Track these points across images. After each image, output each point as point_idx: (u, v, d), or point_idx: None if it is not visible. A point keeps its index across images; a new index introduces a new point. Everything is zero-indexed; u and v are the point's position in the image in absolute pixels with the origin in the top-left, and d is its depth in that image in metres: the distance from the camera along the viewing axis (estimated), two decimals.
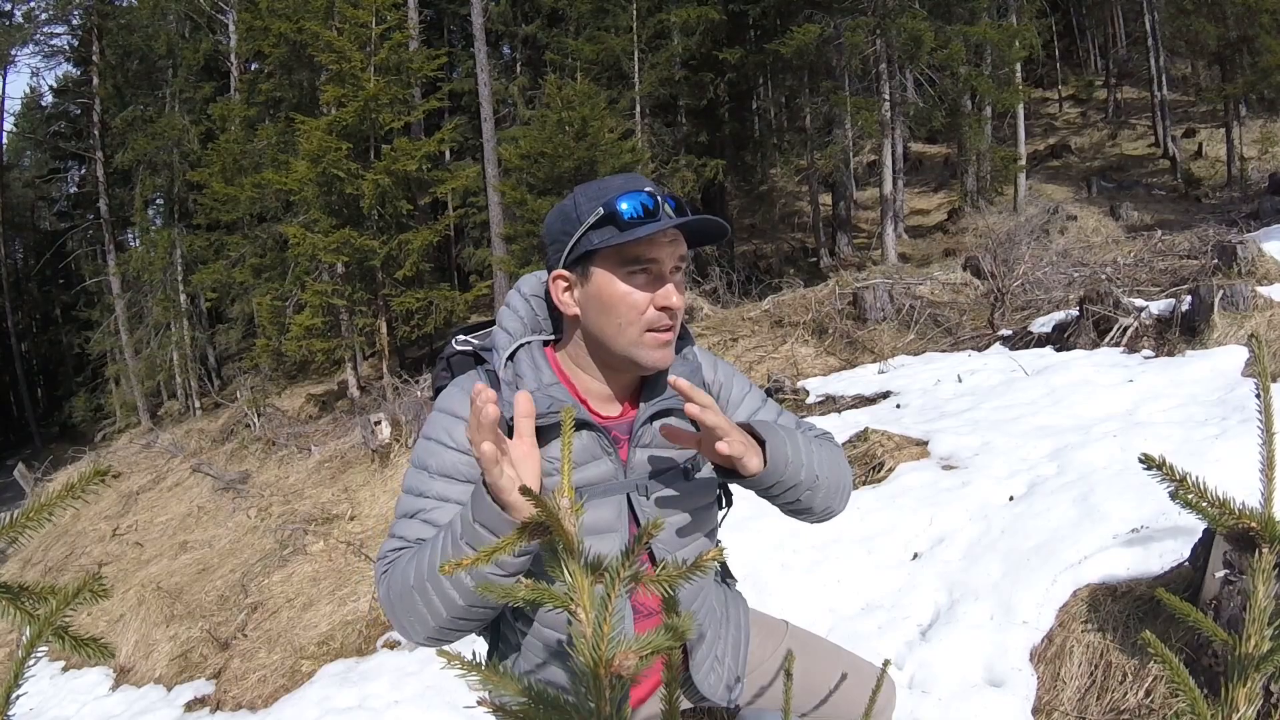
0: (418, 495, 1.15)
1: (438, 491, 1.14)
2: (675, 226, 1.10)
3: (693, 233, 1.15)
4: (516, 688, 0.57)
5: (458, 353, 1.32)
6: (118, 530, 8.90)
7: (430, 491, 1.14)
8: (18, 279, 26.85)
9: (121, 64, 18.48)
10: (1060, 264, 7.76)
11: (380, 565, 1.16)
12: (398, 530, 1.16)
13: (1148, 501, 2.39)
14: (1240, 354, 4.00)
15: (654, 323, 1.12)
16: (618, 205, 1.10)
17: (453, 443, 1.15)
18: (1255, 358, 0.57)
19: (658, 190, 1.12)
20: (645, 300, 1.11)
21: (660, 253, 1.11)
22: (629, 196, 1.10)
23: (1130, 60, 22.97)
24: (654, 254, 1.11)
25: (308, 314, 11.10)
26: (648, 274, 1.12)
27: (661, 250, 1.11)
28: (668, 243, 1.11)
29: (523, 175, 10.41)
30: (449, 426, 1.15)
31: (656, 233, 1.09)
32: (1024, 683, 2.01)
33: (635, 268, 1.11)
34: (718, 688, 1.30)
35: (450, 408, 1.17)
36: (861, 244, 16.48)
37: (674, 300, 1.11)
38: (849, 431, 4.07)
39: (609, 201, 1.10)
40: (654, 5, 13.53)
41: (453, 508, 1.12)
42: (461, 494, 1.13)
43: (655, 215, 1.09)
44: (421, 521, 1.14)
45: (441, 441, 1.15)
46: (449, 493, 1.14)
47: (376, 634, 4.31)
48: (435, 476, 1.14)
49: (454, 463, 1.14)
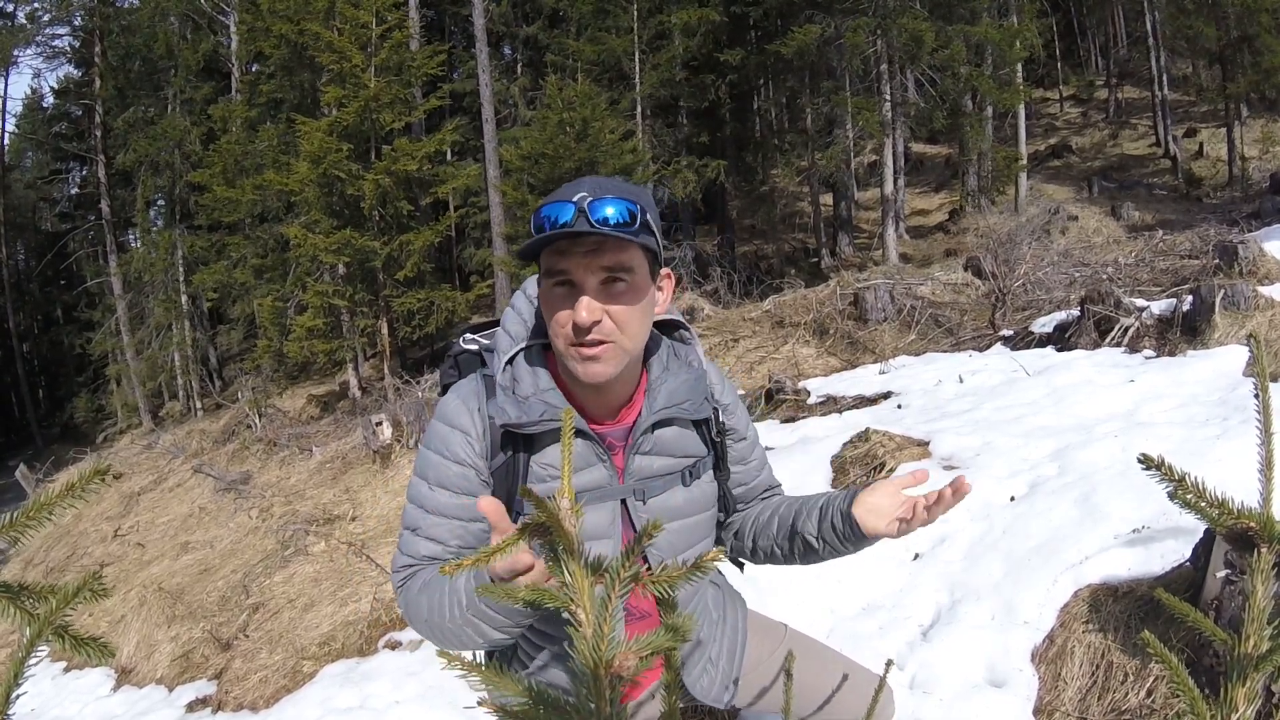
0: (418, 507, 1.18)
1: (436, 504, 1.16)
2: (555, 238, 1.03)
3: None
4: (517, 688, 0.57)
5: (465, 351, 1.33)
6: (119, 531, 8.91)
7: (429, 504, 1.17)
8: (19, 280, 26.89)
9: (123, 65, 18.52)
10: (1061, 264, 7.75)
11: (396, 579, 1.19)
12: (405, 546, 1.19)
13: (1149, 501, 2.38)
14: (1242, 354, 4.00)
15: (571, 338, 1.07)
16: (538, 213, 1.07)
17: (449, 455, 1.16)
18: (1254, 358, 0.57)
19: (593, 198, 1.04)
20: (564, 314, 1.06)
21: (569, 264, 1.05)
22: (551, 206, 1.06)
23: (1131, 60, 22.96)
24: (562, 265, 1.05)
25: (309, 315, 11.11)
26: (565, 286, 1.07)
27: (570, 261, 1.05)
28: (582, 254, 1.04)
29: (524, 176, 10.42)
30: (445, 437, 1.17)
31: (564, 243, 1.04)
32: (1025, 683, 2.01)
33: (552, 280, 1.07)
34: (711, 689, 1.30)
35: (446, 418, 1.18)
36: (863, 244, 16.48)
37: (580, 316, 1.03)
38: (850, 432, 4.07)
39: (538, 208, 1.07)
40: (655, 6, 13.53)
41: (451, 524, 1.15)
42: (458, 509, 1.15)
43: (570, 226, 1.03)
44: (425, 539, 1.17)
45: (439, 453, 1.17)
46: (446, 507, 1.16)
47: (378, 634, 4.31)
48: (434, 488, 1.16)
49: (450, 476, 1.15)
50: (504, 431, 1.14)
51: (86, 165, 22.86)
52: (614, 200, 1.04)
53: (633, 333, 1.09)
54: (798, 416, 5.12)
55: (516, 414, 1.12)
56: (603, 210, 1.03)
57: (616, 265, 1.05)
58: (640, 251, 1.09)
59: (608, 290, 1.06)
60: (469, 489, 1.15)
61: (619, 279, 1.06)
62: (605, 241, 1.04)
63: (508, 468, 1.15)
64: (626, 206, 1.05)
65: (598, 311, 1.05)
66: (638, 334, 1.11)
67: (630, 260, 1.07)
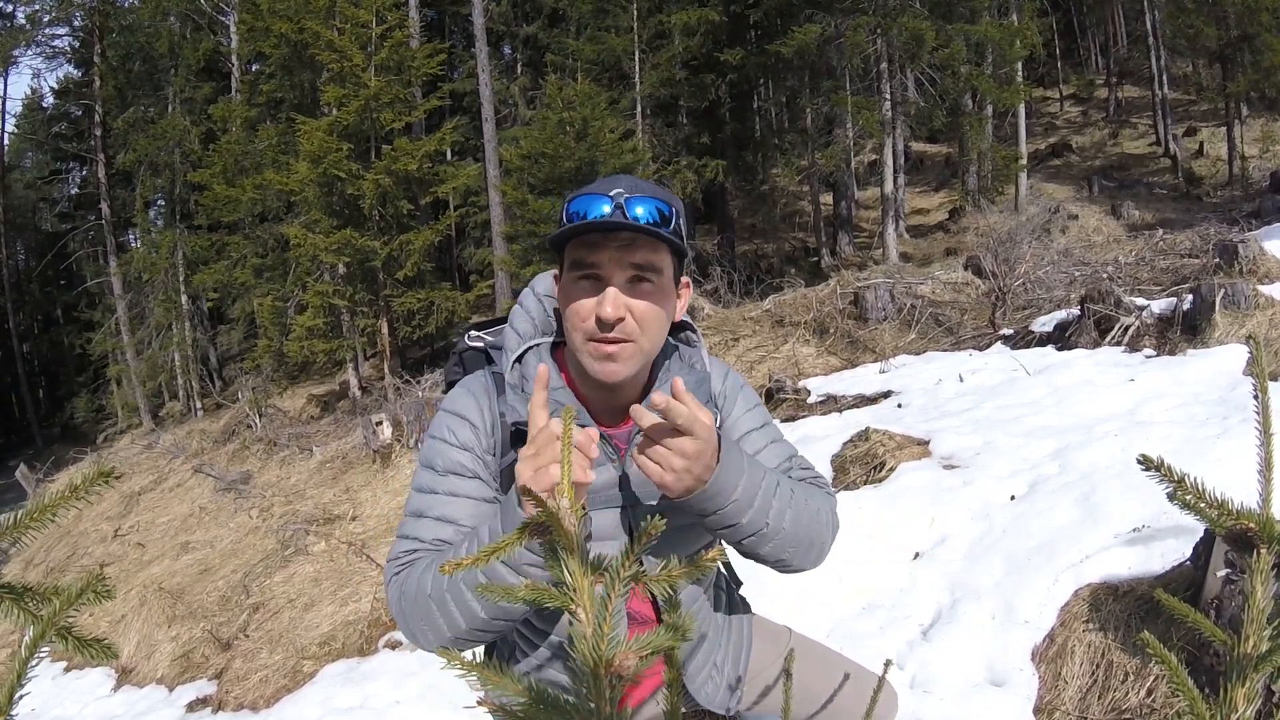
0: (428, 492, 1.14)
1: (448, 488, 1.13)
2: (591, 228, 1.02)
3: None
4: (517, 688, 0.57)
5: (470, 348, 1.32)
6: (120, 531, 8.92)
7: (440, 488, 1.14)
8: (19, 280, 26.90)
9: (123, 65, 18.51)
10: (1061, 263, 7.75)
11: (391, 568, 1.14)
12: (408, 530, 1.15)
13: (1149, 501, 2.38)
14: (1242, 353, 4.00)
15: (592, 333, 1.05)
16: (571, 204, 1.06)
17: (457, 441, 1.14)
18: (1254, 357, 0.57)
19: (628, 195, 1.03)
20: (586, 308, 1.05)
21: (599, 257, 1.04)
22: (584, 198, 1.05)
23: (1131, 59, 22.96)
24: (592, 258, 1.04)
25: (309, 315, 11.12)
26: (591, 280, 1.05)
27: (601, 255, 1.04)
28: (614, 248, 1.03)
29: (524, 175, 10.42)
30: (453, 425, 1.15)
31: (596, 236, 1.03)
32: (1026, 682, 2.01)
33: (578, 272, 1.06)
34: (715, 695, 1.29)
35: (454, 408, 1.17)
36: (863, 243, 16.47)
37: (605, 311, 1.02)
38: (850, 431, 4.07)
39: (569, 200, 1.07)
40: (655, 6, 13.53)
41: (465, 502, 1.12)
42: (472, 490, 1.12)
43: (606, 219, 1.02)
44: (434, 519, 1.12)
45: (446, 440, 1.15)
46: (460, 488, 1.13)
47: (378, 634, 4.31)
48: (444, 474, 1.14)
49: (460, 460, 1.14)
50: (514, 430, 1.13)
51: (86, 165, 22.86)
52: (650, 199, 1.04)
53: (652, 334, 1.08)
54: (798, 415, 5.12)
55: (526, 412, 1.11)
56: (638, 208, 1.03)
57: (646, 264, 1.05)
58: (669, 254, 1.09)
59: (634, 288, 1.05)
60: (479, 473, 1.13)
61: (647, 278, 1.06)
62: (639, 238, 1.04)
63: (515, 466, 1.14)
64: (660, 207, 1.05)
65: (622, 307, 1.04)
66: (656, 336, 1.10)
67: (660, 261, 1.07)
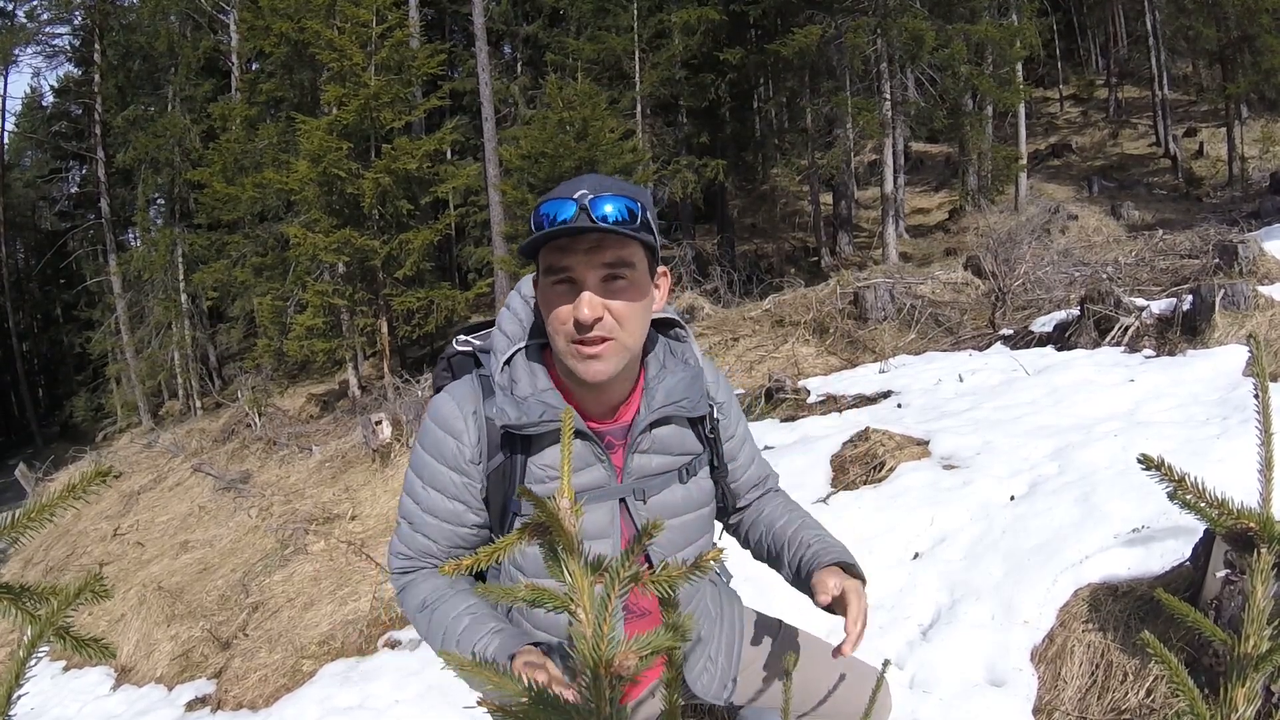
0: (414, 501, 1.20)
1: (428, 503, 1.18)
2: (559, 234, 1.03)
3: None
4: (517, 688, 0.57)
5: (458, 353, 1.33)
6: (119, 530, 8.91)
7: (423, 502, 1.19)
8: (19, 279, 26.87)
9: (123, 64, 18.51)
10: (1061, 263, 7.75)
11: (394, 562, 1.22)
12: (402, 537, 1.22)
13: (1149, 501, 2.38)
14: (1242, 353, 4.00)
15: (572, 335, 1.06)
16: (538, 210, 1.06)
17: (441, 459, 1.17)
18: (1254, 358, 0.57)
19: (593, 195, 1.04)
20: (565, 312, 1.06)
21: (570, 260, 1.05)
22: (551, 203, 1.05)
23: (1131, 59, 22.93)
24: (564, 262, 1.05)
25: (309, 314, 11.10)
26: (566, 284, 1.06)
27: (571, 258, 1.05)
28: (584, 250, 1.04)
29: (524, 175, 10.42)
30: (438, 442, 1.17)
31: (565, 240, 1.04)
32: (1025, 682, 2.01)
33: (553, 277, 1.07)
34: (711, 687, 1.30)
35: (441, 420, 1.18)
36: (862, 243, 16.47)
37: (583, 313, 1.03)
38: (850, 431, 4.07)
39: (537, 206, 1.07)
40: (655, 5, 13.53)
41: (440, 526, 1.18)
42: (448, 513, 1.17)
43: (571, 222, 1.03)
44: (420, 534, 1.20)
45: (432, 455, 1.18)
46: (438, 508, 1.18)
47: (377, 634, 4.31)
48: (427, 487, 1.18)
49: (443, 480, 1.17)
50: (503, 433, 1.13)
51: (86, 164, 22.81)
52: (615, 197, 1.04)
53: (633, 330, 1.09)
54: (797, 415, 5.12)
55: (516, 415, 1.11)
56: (604, 207, 1.03)
57: (618, 261, 1.06)
58: (641, 248, 1.09)
59: (609, 287, 1.06)
60: (459, 495, 1.16)
61: (620, 275, 1.06)
62: (607, 238, 1.04)
63: (504, 470, 1.15)
64: (626, 204, 1.05)
65: (599, 308, 1.05)
66: (638, 331, 1.11)
67: (631, 256, 1.07)
